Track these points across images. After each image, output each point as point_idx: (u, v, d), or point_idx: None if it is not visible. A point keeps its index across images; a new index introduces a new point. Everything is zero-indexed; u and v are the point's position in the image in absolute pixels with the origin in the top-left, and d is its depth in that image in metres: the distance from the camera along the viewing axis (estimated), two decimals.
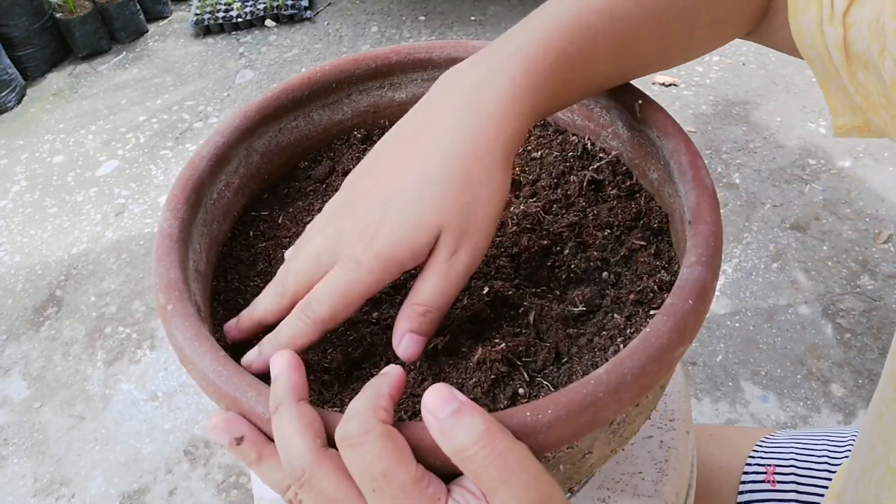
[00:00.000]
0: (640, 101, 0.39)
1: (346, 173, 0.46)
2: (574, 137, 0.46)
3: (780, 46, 0.43)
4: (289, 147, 0.46)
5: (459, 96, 0.34)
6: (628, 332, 0.34)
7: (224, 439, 0.28)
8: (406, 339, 0.33)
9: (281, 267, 0.36)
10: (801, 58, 0.41)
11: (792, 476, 0.59)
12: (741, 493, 0.60)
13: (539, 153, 0.46)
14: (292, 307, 0.34)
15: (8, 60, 2.04)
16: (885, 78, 0.35)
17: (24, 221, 1.73)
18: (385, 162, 0.35)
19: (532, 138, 0.47)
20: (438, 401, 0.25)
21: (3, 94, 2.03)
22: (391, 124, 0.49)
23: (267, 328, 0.35)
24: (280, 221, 0.44)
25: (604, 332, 0.35)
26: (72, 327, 1.48)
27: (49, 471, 1.25)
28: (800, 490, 0.58)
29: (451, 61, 0.46)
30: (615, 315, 0.35)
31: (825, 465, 0.58)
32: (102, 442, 1.28)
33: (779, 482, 0.59)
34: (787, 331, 1.32)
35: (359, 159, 0.47)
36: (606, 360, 0.32)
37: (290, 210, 0.44)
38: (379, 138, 0.48)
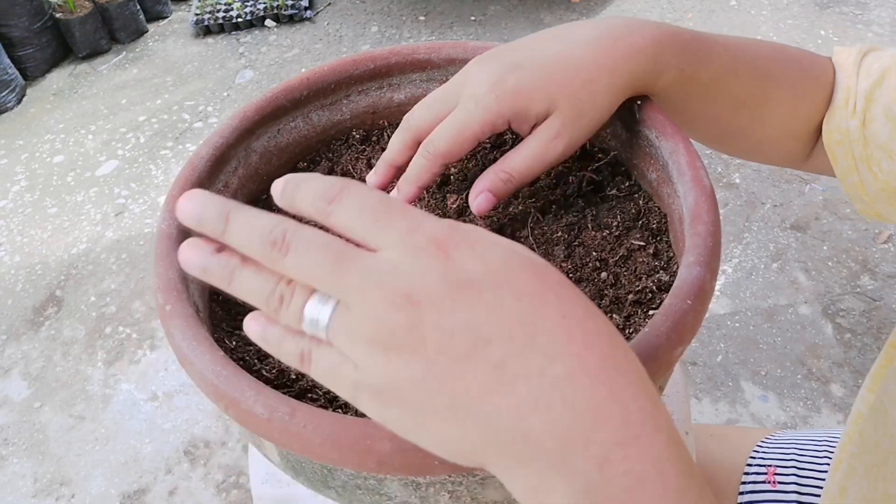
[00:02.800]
0: (639, 102, 0.40)
1: (345, 174, 0.46)
2: None
3: (821, 169, 0.48)
4: (288, 148, 0.46)
5: (596, 25, 0.37)
6: (627, 332, 0.34)
7: (198, 259, 0.26)
8: (482, 196, 0.37)
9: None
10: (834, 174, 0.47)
11: (793, 477, 0.59)
12: (742, 493, 0.60)
13: None
14: (417, 143, 0.37)
15: (8, 60, 2.04)
16: None
17: (24, 221, 1.73)
18: (521, 42, 0.38)
19: None
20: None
21: (3, 94, 2.03)
22: (390, 125, 0.49)
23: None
24: None
25: None
26: (72, 327, 1.48)
27: (49, 471, 1.25)
28: (801, 491, 0.58)
29: (451, 62, 0.46)
30: (614, 315, 0.35)
31: (826, 465, 0.58)
32: (102, 442, 1.28)
33: (780, 483, 0.59)
34: (787, 331, 1.32)
35: (358, 160, 0.47)
36: None
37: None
38: (378, 139, 0.49)
